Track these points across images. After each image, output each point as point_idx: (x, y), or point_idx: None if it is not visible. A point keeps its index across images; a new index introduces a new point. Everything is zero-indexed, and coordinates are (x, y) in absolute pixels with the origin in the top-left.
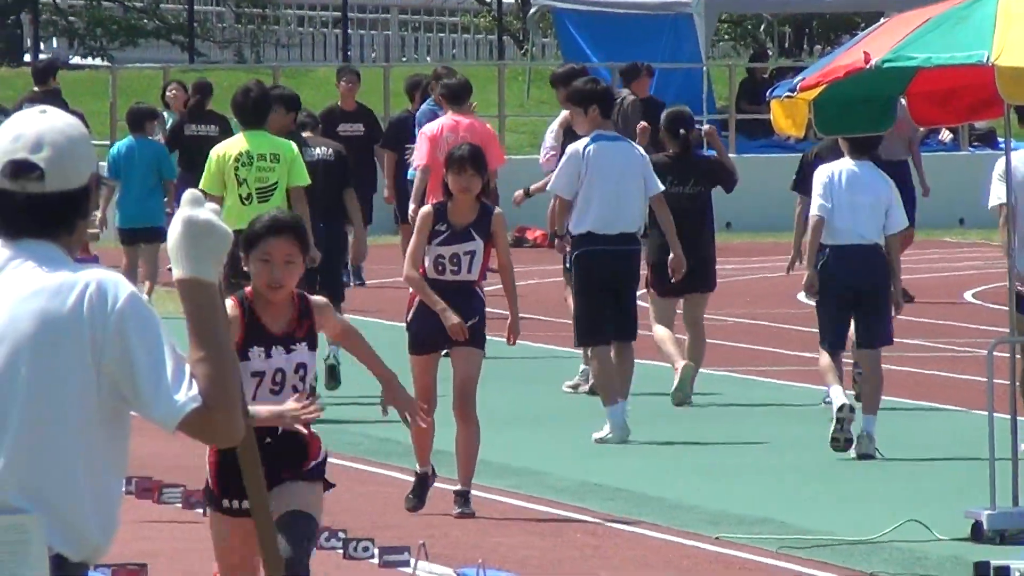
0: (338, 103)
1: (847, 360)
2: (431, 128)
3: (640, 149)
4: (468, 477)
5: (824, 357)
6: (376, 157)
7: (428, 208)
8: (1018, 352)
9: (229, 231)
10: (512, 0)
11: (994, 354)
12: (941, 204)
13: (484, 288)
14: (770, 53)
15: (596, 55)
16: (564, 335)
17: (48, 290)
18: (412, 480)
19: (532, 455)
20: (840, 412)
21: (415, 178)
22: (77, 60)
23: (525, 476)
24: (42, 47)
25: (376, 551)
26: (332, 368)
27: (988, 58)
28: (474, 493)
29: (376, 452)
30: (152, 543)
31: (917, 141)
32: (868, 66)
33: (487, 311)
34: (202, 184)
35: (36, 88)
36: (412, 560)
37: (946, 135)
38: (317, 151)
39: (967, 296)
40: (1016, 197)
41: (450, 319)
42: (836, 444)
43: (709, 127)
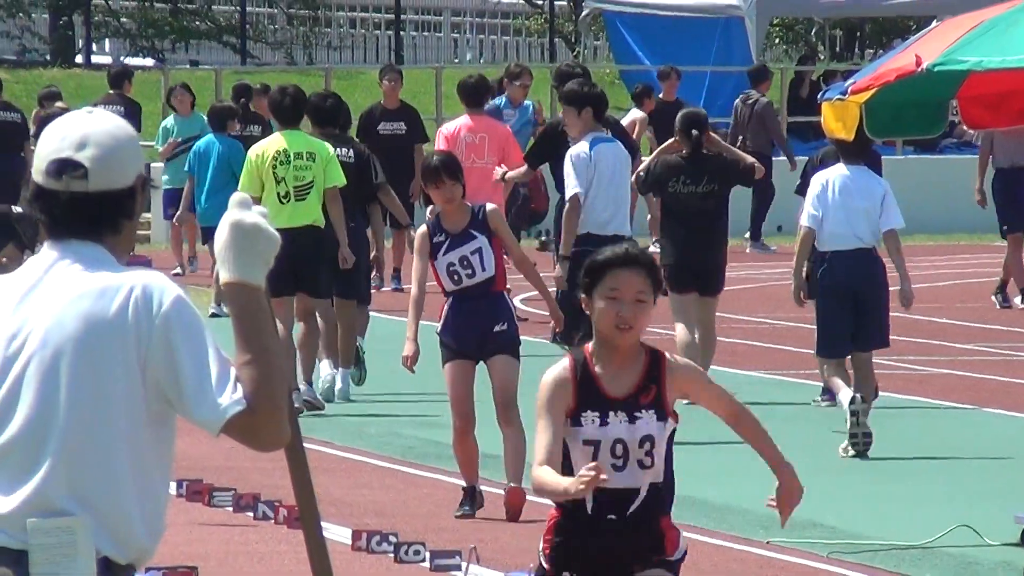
0: (380, 101)
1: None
2: (448, 128)
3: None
4: (519, 477)
5: (829, 367)
6: (417, 156)
7: (423, 227)
8: None
9: (276, 234)
10: (564, 3)
11: None
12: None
13: (512, 296)
14: (821, 56)
15: (648, 57)
16: None
17: (94, 292)
18: (463, 483)
19: None
20: (852, 405)
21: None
22: (129, 61)
23: None
24: (94, 48)
25: (427, 555)
26: (357, 356)
27: None
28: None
29: (427, 455)
30: (202, 546)
31: None
32: (919, 69)
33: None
34: (240, 183)
35: (111, 91)
36: (463, 564)
37: None
38: (338, 151)
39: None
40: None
41: (407, 349)
42: (855, 440)
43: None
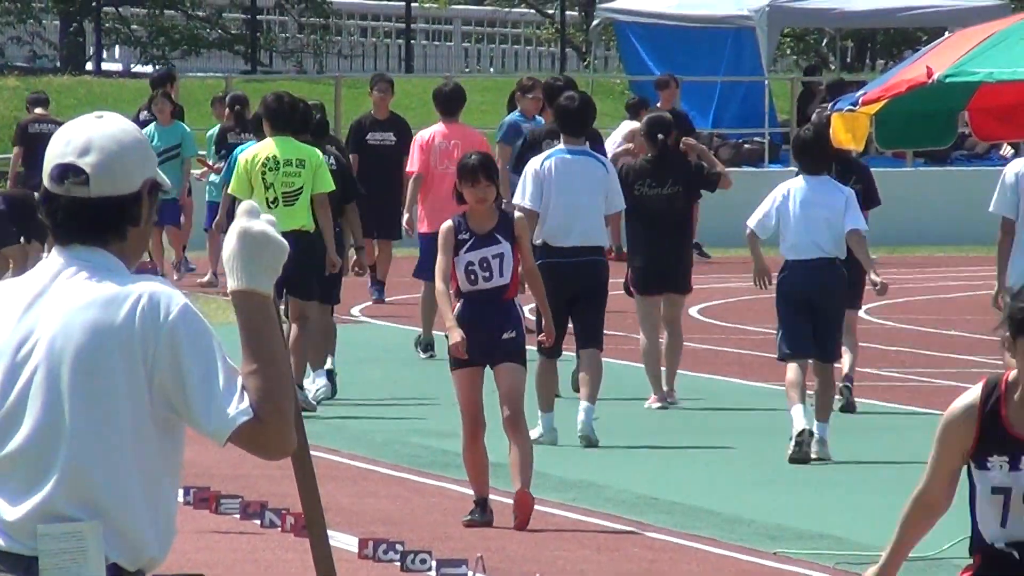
0: (371, 111)
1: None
2: (423, 135)
3: (608, 165)
4: (527, 482)
5: (791, 372)
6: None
7: (448, 223)
8: None
9: (285, 243)
10: (575, 12)
11: None
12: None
13: (521, 304)
14: (832, 67)
15: (658, 67)
16: (624, 348)
17: (100, 301)
18: (470, 492)
19: (590, 468)
20: (800, 436)
21: (409, 185)
22: (138, 69)
23: (582, 489)
24: (104, 55)
25: (433, 563)
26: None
27: None
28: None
29: (434, 464)
30: (210, 554)
31: None
32: (930, 80)
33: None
34: (230, 187)
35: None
36: (470, 573)
37: (1007, 150)
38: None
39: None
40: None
41: (453, 337)
42: (794, 462)
43: (686, 140)
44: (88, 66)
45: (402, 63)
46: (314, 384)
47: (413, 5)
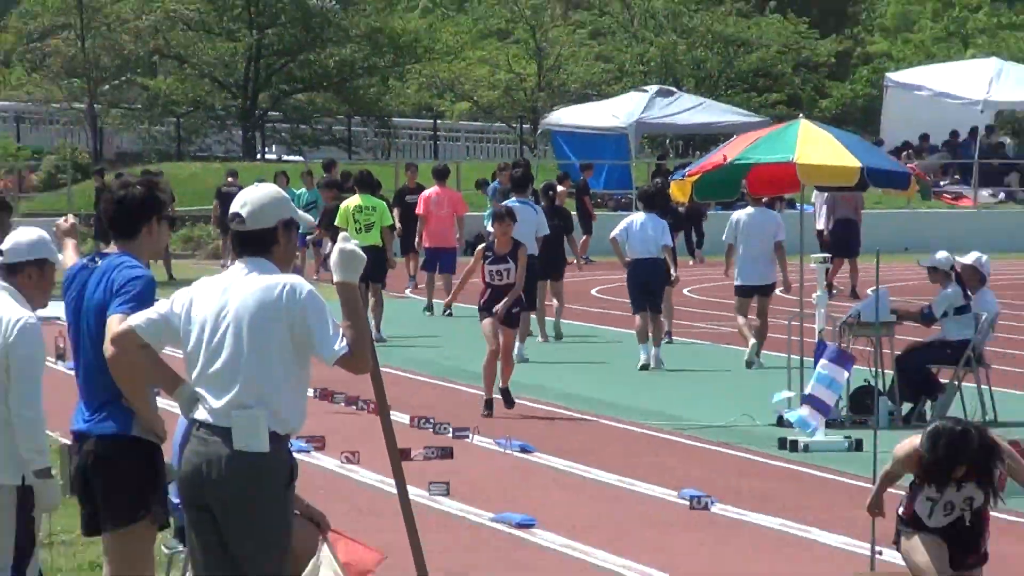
0: (406, 183)
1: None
2: (425, 193)
3: (538, 209)
4: (506, 381)
5: (638, 320)
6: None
7: (482, 245)
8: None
9: (364, 256)
10: (528, 126)
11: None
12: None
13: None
14: (671, 156)
15: (574, 155)
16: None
17: (264, 287)
18: (484, 395)
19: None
20: (644, 363)
21: (419, 223)
22: (286, 157)
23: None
24: (266, 150)
25: (451, 429)
26: None
27: (792, 159)
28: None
29: (451, 372)
30: (329, 425)
31: (861, 206)
32: (725, 163)
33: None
34: (337, 221)
35: (325, 174)
36: (471, 434)
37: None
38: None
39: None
40: (738, 237)
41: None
42: (643, 369)
43: (562, 189)
44: (257, 156)
45: (433, 152)
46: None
47: (439, 122)
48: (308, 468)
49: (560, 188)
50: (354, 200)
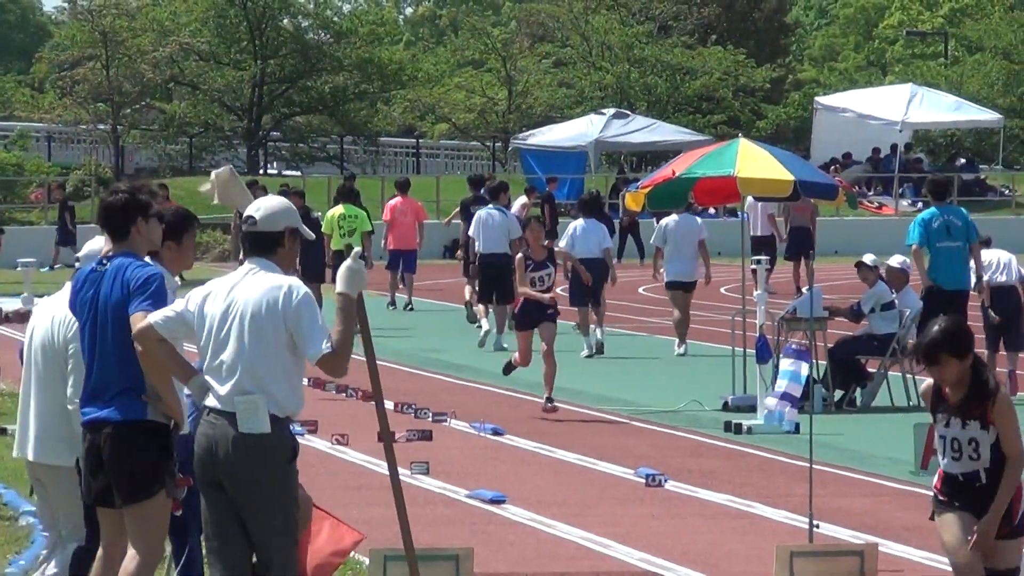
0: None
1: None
2: (391, 203)
3: (509, 215)
4: (551, 389)
5: (580, 315)
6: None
7: (520, 254)
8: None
9: (366, 276)
10: (500, 144)
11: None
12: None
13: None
14: (626, 169)
15: (541, 171)
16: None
17: (266, 287)
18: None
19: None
20: (589, 351)
21: (385, 228)
22: (287, 173)
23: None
24: (267, 166)
25: (431, 414)
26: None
27: (733, 173)
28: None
29: (429, 362)
30: (321, 411)
31: (816, 214)
32: (674, 176)
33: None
34: (324, 228)
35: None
36: (448, 418)
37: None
38: (316, 214)
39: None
40: (667, 239)
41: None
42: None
43: (526, 201)
44: (260, 171)
45: (416, 167)
46: None
47: (421, 141)
48: (302, 449)
49: (524, 200)
50: (338, 209)
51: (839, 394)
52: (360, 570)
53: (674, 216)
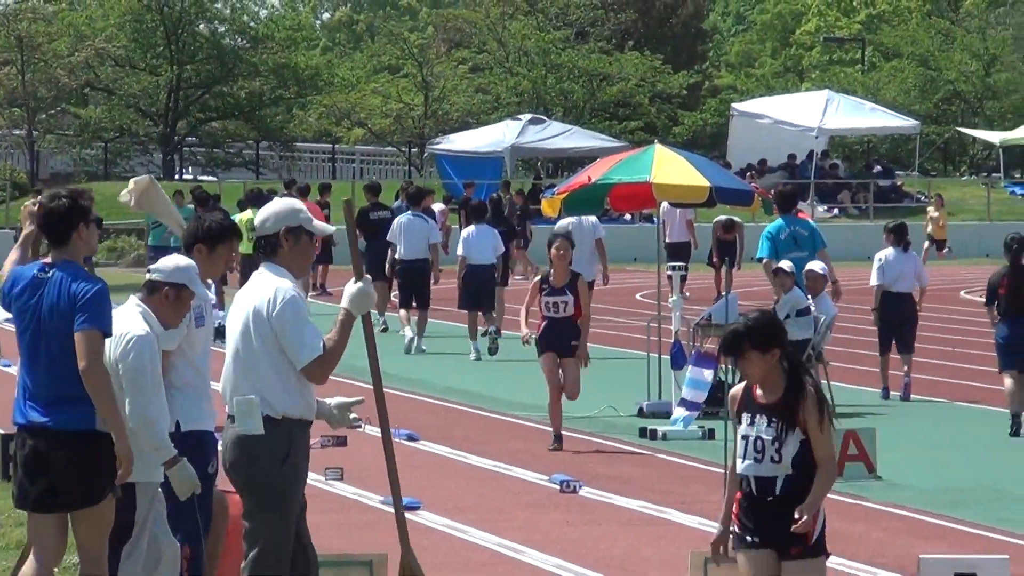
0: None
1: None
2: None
3: (430, 221)
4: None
5: (470, 319)
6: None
7: (538, 278)
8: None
9: (375, 297)
10: (416, 149)
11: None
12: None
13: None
14: (543, 177)
15: (457, 176)
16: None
17: (256, 294)
18: (552, 431)
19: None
20: (490, 342)
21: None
22: (201, 178)
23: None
24: (183, 170)
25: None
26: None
27: (649, 179)
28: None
29: (409, 382)
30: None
31: (692, 222)
32: (590, 182)
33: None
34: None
35: (319, 196)
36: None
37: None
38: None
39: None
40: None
41: (520, 332)
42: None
43: (443, 207)
44: (175, 176)
45: (332, 172)
46: None
47: (337, 146)
48: None
49: (442, 206)
50: (246, 214)
51: None
52: None
53: (570, 217)
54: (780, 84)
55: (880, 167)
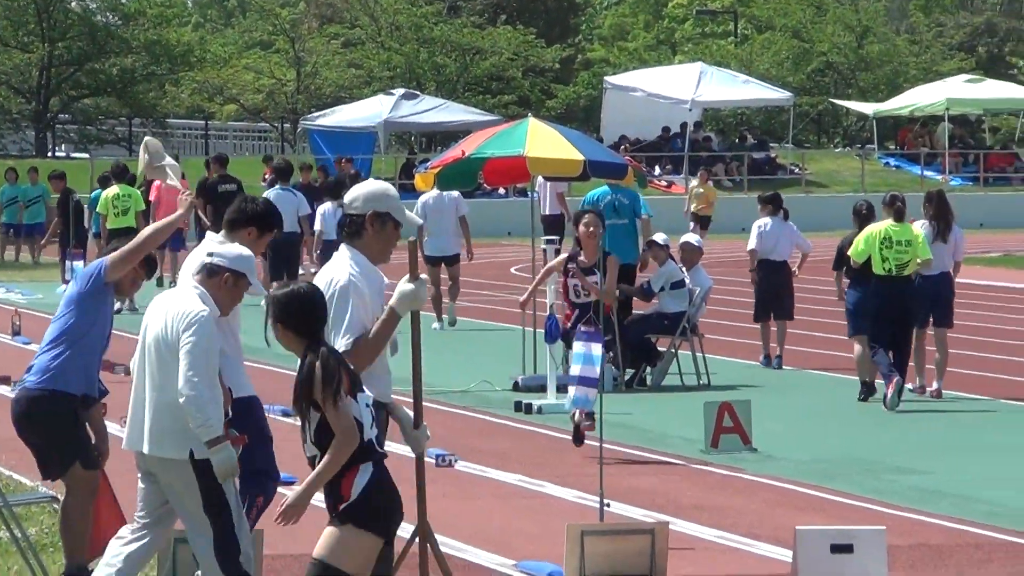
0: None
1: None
2: (157, 182)
3: (299, 195)
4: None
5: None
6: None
7: (565, 256)
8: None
9: (424, 299)
10: (289, 125)
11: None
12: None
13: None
14: (416, 151)
15: (330, 152)
16: None
17: (320, 276)
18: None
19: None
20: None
21: (151, 207)
22: (75, 155)
23: None
24: (56, 147)
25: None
26: None
27: (523, 152)
28: None
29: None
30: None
31: (563, 195)
32: (463, 156)
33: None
34: (99, 208)
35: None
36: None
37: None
38: (77, 197)
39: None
40: (427, 217)
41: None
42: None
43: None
44: (48, 154)
45: (202, 150)
46: None
47: (210, 123)
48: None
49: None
50: (113, 189)
51: (630, 373)
52: None
53: (433, 193)
54: (653, 57)
55: (754, 139)
